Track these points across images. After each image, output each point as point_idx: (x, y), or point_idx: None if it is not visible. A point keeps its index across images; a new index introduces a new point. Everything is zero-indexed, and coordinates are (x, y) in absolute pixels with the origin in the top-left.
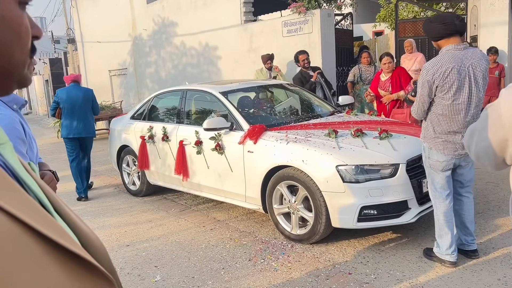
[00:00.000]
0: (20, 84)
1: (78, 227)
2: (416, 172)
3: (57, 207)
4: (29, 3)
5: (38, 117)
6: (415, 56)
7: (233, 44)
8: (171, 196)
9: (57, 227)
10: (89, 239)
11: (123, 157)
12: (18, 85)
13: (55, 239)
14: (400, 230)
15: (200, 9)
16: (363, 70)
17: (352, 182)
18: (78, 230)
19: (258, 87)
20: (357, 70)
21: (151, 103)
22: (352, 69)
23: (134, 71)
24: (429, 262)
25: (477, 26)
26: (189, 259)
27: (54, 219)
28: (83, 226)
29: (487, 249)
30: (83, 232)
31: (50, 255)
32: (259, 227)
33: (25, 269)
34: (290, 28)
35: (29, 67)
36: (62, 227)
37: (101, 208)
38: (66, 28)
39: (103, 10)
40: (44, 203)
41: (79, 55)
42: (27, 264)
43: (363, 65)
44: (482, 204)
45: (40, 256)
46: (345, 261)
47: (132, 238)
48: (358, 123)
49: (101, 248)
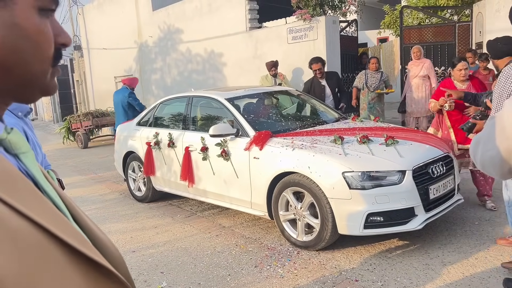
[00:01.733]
0: (43, 92)
1: (95, 235)
2: (422, 179)
3: (75, 215)
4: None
5: (44, 123)
6: (422, 62)
7: (238, 51)
8: (177, 202)
9: (77, 235)
10: (106, 246)
11: (129, 163)
12: (41, 93)
13: (76, 246)
14: (407, 237)
15: (205, 16)
16: (369, 76)
17: (358, 189)
18: (95, 237)
19: (263, 94)
20: (363, 76)
21: (157, 109)
22: (359, 74)
23: (140, 78)
24: (436, 269)
25: (482, 33)
26: (195, 265)
27: (74, 226)
28: (100, 234)
29: (495, 256)
30: (100, 239)
31: (72, 262)
32: (264, 234)
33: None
34: (295, 35)
35: (53, 76)
36: (82, 235)
37: (107, 214)
38: (73, 35)
39: (109, 17)
40: (63, 210)
41: (85, 61)
42: (52, 272)
43: (370, 71)
44: (489, 211)
45: (63, 264)
46: (351, 268)
47: (137, 244)
48: (364, 129)
49: (118, 255)
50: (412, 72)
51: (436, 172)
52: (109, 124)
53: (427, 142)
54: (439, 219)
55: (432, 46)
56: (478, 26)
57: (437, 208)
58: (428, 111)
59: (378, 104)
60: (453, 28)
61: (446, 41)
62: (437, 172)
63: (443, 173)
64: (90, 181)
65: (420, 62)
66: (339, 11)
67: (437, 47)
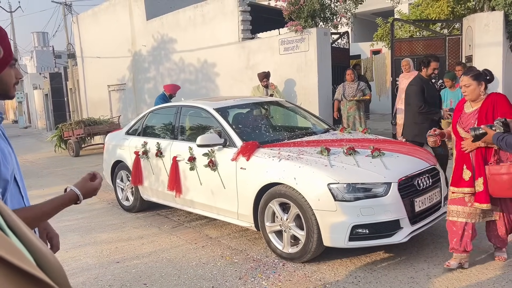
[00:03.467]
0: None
1: (33, 245)
2: (408, 191)
3: (12, 225)
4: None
5: (37, 131)
6: (412, 75)
7: (231, 61)
8: (164, 212)
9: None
10: (44, 257)
11: (117, 172)
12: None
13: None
14: (392, 250)
15: (198, 26)
16: (347, 87)
17: (344, 201)
18: (33, 248)
19: (252, 104)
20: (341, 88)
21: (146, 118)
22: (338, 87)
23: (133, 87)
24: (420, 282)
25: (472, 47)
26: (179, 277)
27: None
28: (39, 244)
29: (480, 269)
30: (38, 250)
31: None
32: (251, 245)
33: None
34: (287, 46)
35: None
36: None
37: (94, 224)
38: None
39: (104, 26)
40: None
41: (79, 70)
42: None
43: (347, 82)
44: None
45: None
46: (336, 280)
47: (122, 254)
48: (351, 141)
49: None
50: (402, 84)
51: (422, 184)
52: (101, 132)
53: (413, 154)
54: (426, 232)
55: None
56: (467, 39)
57: (423, 220)
58: None
59: (357, 113)
60: (444, 41)
61: (436, 54)
62: (423, 185)
63: (429, 186)
64: None
65: (410, 75)
66: (330, 23)
67: None
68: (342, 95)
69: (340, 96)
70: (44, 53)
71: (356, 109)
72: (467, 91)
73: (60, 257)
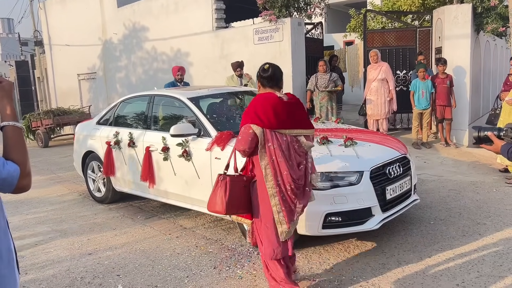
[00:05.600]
0: None
1: None
2: (380, 180)
3: None
4: None
5: None
6: (380, 66)
7: (205, 51)
8: (138, 203)
9: None
10: None
11: (88, 163)
12: None
13: None
14: (365, 237)
15: (171, 15)
16: (319, 77)
17: (317, 189)
18: None
19: (227, 94)
20: (314, 79)
21: (118, 108)
22: (310, 77)
23: (104, 76)
24: (391, 268)
25: (441, 38)
26: (153, 267)
27: None
28: None
29: (447, 255)
30: None
31: None
32: (226, 235)
33: None
34: (261, 36)
35: None
36: None
37: (64, 215)
38: (34, 30)
39: (73, 13)
40: None
41: (47, 58)
42: None
43: (320, 73)
44: (444, 211)
45: None
46: (310, 268)
47: (95, 246)
48: (324, 130)
49: None
50: (370, 75)
51: (393, 173)
52: (71, 122)
53: (384, 143)
54: (396, 219)
55: (394, 50)
56: (437, 31)
57: (393, 208)
58: (387, 113)
59: (329, 103)
60: (415, 33)
61: (407, 45)
62: (394, 173)
63: (400, 174)
64: (48, 181)
65: (378, 66)
66: (304, 13)
67: (399, 51)
68: (315, 86)
69: (313, 86)
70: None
71: (329, 100)
72: None
73: (29, 250)
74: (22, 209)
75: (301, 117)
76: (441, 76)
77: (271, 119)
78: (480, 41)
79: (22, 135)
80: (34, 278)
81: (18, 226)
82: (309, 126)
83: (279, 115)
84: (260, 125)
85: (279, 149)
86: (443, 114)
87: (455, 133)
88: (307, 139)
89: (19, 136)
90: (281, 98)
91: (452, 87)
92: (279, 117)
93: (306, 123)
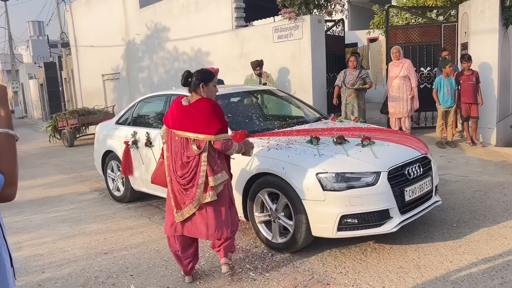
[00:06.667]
0: None
1: None
2: (398, 181)
3: None
4: None
5: (33, 121)
6: (402, 63)
7: (225, 50)
8: (156, 203)
9: None
10: None
11: (107, 163)
12: None
13: None
14: (383, 239)
15: (192, 14)
16: (348, 73)
17: (332, 190)
18: None
19: (243, 93)
20: (342, 74)
21: (136, 108)
22: (339, 73)
23: (127, 76)
24: (410, 272)
25: (467, 34)
26: (166, 267)
27: None
28: None
29: (469, 260)
30: None
31: None
32: (240, 235)
33: None
34: (280, 34)
35: None
36: None
37: (84, 214)
38: (60, 32)
39: (97, 14)
40: None
41: (73, 59)
42: None
43: (349, 69)
44: (468, 213)
45: None
46: (324, 271)
47: (111, 245)
48: (341, 129)
49: None
50: (392, 72)
51: (413, 173)
52: (95, 122)
53: (404, 143)
54: (417, 221)
55: (418, 47)
56: (463, 26)
57: (413, 210)
58: (410, 111)
59: (355, 101)
60: (439, 28)
61: (432, 41)
62: (413, 174)
63: (420, 175)
64: (71, 180)
65: (400, 63)
66: (324, 10)
67: (423, 47)
68: (342, 82)
69: (340, 82)
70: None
71: (355, 97)
72: None
73: (47, 249)
74: (44, 207)
75: (194, 121)
76: (466, 73)
77: (168, 120)
78: (509, 36)
79: (13, 143)
80: (50, 276)
81: (39, 225)
82: (197, 131)
83: (174, 117)
84: (165, 123)
85: (168, 144)
86: (469, 112)
87: (482, 131)
88: (199, 143)
89: (10, 144)
90: (181, 103)
91: (478, 84)
92: (174, 119)
93: (196, 128)
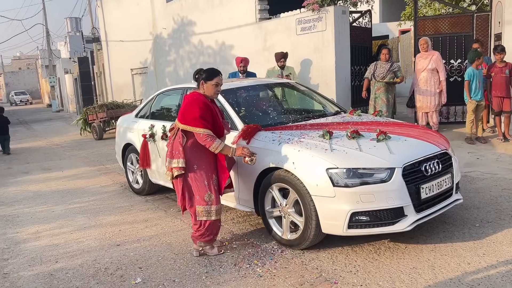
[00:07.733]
0: None
1: None
2: (414, 177)
3: None
4: None
5: (68, 114)
6: (430, 55)
7: (248, 43)
8: (173, 196)
9: None
10: None
11: (127, 155)
12: None
13: None
14: (399, 238)
15: (217, 8)
16: (378, 66)
17: (342, 186)
18: None
19: (259, 86)
20: (373, 67)
21: (154, 101)
22: (370, 65)
23: (155, 70)
24: (423, 273)
25: (501, 24)
26: (175, 261)
27: None
28: None
29: (489, 262)
30: None
31: None
32: (252, 230)
33: None
34: (304, 26)
35: None
36: None
37: (102, 206)
38: (91, 28)
39: (126, 9)
40: None
41: (104, 54)
42: None
43: (380, 62)
44: (493, 212)
45: None
46: (333, 269)
47: (124, 237)
48: (358, 124)
49: None
50: (419, 65)
51: (430, 170)
52: None
53: (423, 138)
54: (437, 220)
55: (448, 38)
56: (497, 16)
57: (430, 208)
58: (437, 106)
59: (384, 95)
60: (471, 18)
61: (463, 32)
62: (431, 170)
63: (439, 172)
64: (96, 172)
65: (428, 55)
66: (349, 1)
67: (453, 38)
68: (372, 75)
69: (370, 75)
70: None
71: (385, 91)
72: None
73: (63, 239)
74: (66, 198)
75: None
76: (498, 65)
77: None
78: None
79: None
80: (63, 266)
81: (60, 215)
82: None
83: None
84: None
85: None
86: (501, 106)
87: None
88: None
89: None
90: None
91: (511, 77)
92: None
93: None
